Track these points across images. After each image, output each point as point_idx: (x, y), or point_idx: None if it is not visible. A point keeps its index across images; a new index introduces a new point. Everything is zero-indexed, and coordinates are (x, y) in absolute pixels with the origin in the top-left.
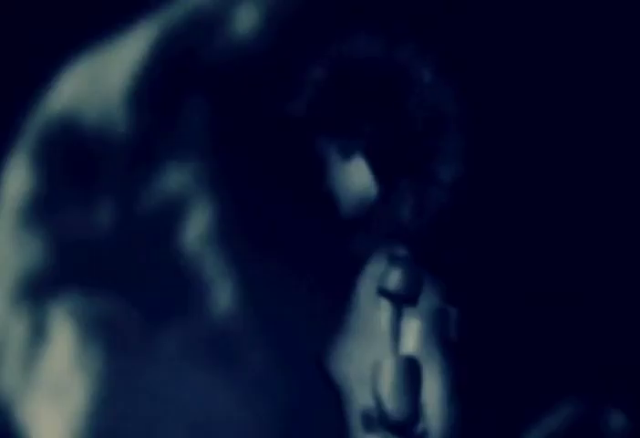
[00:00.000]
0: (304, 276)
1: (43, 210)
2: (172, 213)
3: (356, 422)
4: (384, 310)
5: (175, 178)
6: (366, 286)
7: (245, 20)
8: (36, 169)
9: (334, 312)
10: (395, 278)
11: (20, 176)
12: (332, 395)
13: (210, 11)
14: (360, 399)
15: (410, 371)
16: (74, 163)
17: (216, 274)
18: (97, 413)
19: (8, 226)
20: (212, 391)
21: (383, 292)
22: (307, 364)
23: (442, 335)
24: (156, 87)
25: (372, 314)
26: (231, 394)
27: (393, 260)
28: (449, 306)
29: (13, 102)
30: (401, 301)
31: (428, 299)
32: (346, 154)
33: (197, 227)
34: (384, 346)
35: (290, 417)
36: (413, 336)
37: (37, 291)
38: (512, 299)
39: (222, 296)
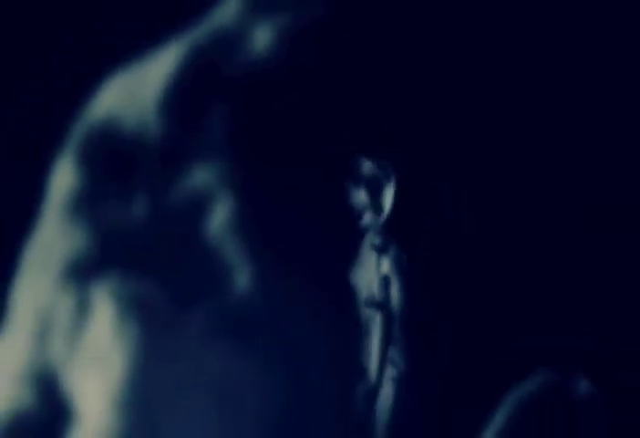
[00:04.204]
0: (314, 262)
1: (86, 204)
2: (198, 207)
3: (362, 307)
4: (373, 256)
5: (200, 176)
6: (365, 246)
7: (262, 38)
8: (80, 168)
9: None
10: (378, 241)
11: (66, 175)
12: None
13: (230, 31)
14: (365, 288)
15: (386, 282)
16: (113, 163)
17: (236, 261)
18: (133, 381)
19: (56, 219)
20: (233, 364)
21: (373, 247)
22: (316, 341)
23: (399, 266)
24: (184, 97)
25: (368, 258)
26: (249, 367)
27: (377, 233)
28: (402, 254)
29: (61, 110)
30: (381, 251)
31: (393, 250)
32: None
33: (219, 220)
34: (373, 272)
35: (300, 388)
36: (386, 266)
37: (81, 274)
38: (485, 269)
39: (242, 280)
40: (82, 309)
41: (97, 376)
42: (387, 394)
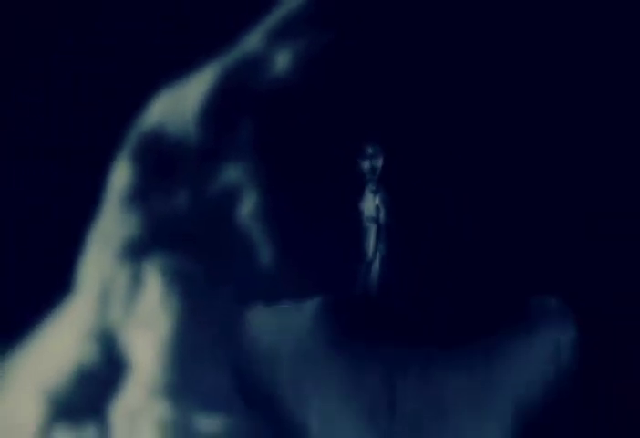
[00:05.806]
0: (327, 239)
1: (139, 196)
2: (230, 199)
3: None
4: (371, 195)
5: (231, 174)
6: (366, 190)
7: (282, 61)
8: (135, 166)
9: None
10: (374, 188)
11: (123, 172)
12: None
13: (256, 55)
14: (366, 212)
15: (377, 209)
16: (160, 163)
17: (261, 241)
18: (177, 339)
19: (115, 208)
20: (257, 321)
21: (371, 191)
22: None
23: (384, 201)
24: (218, 110)
25: (368, 196)
26: (270, 324)
27: (373, 183)
28: (387, 195)
29: (118, 120)
30: (375, 193)
31: (381, 193)
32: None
33: (248, 208)
34: (372, 202)
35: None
36: (378, 200)
37: (135, 253)
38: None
39: (266, 256)
40: (136, 281)
41: (148, 335)
42: (376, 267)
